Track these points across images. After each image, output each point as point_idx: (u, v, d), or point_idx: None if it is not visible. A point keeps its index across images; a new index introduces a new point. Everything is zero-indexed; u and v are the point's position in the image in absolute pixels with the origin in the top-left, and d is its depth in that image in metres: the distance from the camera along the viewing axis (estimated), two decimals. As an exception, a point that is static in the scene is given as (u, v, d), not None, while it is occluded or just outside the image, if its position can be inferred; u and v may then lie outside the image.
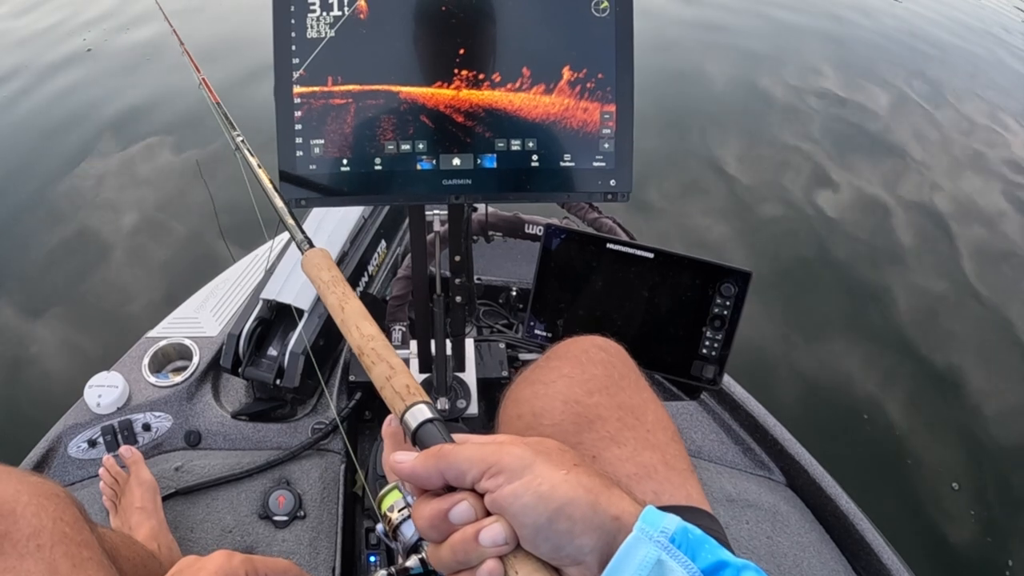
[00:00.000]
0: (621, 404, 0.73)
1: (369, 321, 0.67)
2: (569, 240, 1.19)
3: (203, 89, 1.50)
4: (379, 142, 0.87)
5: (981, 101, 3.89)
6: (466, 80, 0.85)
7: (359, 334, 0.66)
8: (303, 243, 0.90)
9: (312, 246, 0.88)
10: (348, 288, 0.75)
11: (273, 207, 1.01)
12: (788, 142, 3.29)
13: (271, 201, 1.03)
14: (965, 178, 3.19)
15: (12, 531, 0.68)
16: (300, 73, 0.86)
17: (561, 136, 0.87)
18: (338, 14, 0.85)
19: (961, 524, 1.81)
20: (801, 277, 2.54)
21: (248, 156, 1.20)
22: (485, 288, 1.67)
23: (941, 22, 4.84)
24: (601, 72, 0.85)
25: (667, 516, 0.44)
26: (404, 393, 0.56)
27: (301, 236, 0.92)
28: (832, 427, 2.00)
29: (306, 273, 0.82)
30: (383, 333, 0.66)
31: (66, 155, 3.02)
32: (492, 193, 0.90)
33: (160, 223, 2.66)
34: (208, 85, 1.50)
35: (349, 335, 0.67)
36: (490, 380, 1.33)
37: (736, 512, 1.31)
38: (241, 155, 1.23)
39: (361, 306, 0.71)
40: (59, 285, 2.39)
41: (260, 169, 1.14)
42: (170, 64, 3.50)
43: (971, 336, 2.34)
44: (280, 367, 1.36)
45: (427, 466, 0.47)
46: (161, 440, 1.37)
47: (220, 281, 1.71)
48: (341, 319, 0.70)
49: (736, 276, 1.14)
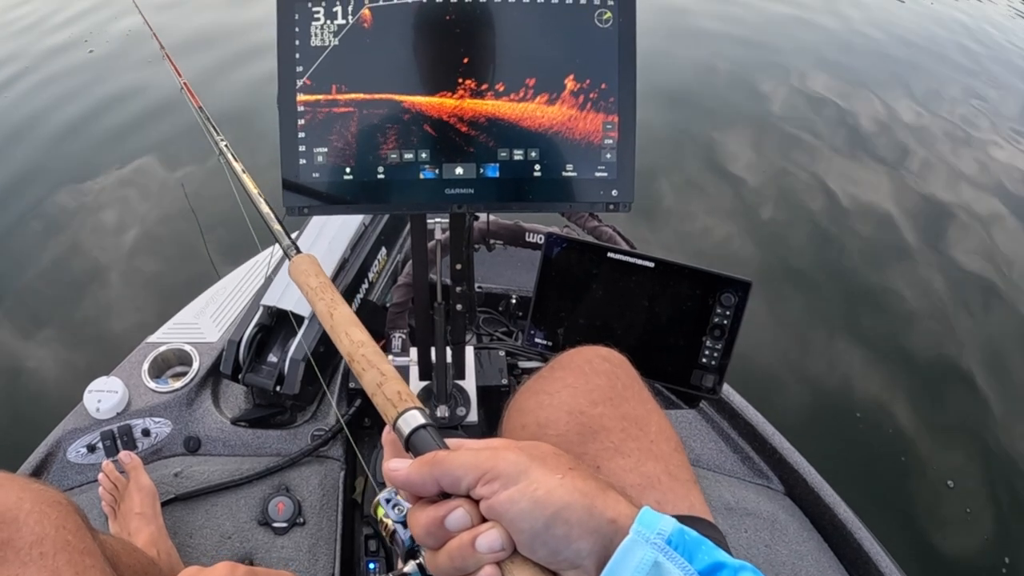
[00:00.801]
0: (625, 415, 0.73)
1: (359, 327, 0.66)
2: (570, 249, 1.19)
3: (184, 93, 1.48)
4: (382, 151, 0.87)
5: (986, 101, 3.90)
6: (469, 90, 0.86)
7: (349, 340, 0.64)
8: (290, 248, 0.89)
9: (299, 252, 0.87)
10: (337, 294, 0.74)
11: (258, 212, 0.98)
12: (790, 143, 3.30)
13: (256, 207, 1.01)
14: (969, 179, 3.20)
15: (15, 539, 0.68)
16: (304, 81, 0.86)
17: (563, 146, 0.87)
18: (342, 23, 0.85)
19: (959, 534, 1.81)
20: (799, 283, 2.54)
21: (232, 161, 1.17)
22: (485, 296, 1.67)
23: (944, 23, 4.86)
24: (604, 82, 0.86)
25: (664, 518, 0.44)
26: (395, 400, 0.55)
27: (288, 241, 0.91)
28: (831, 436, 2.00)
29: (293, 279, 0.81)
30: (373, 339, 0.65)
31: (65, 165, 3.02)
32: (494, 202, 0.90)
33: (156, 235, 2.66)
34: (189, 89, 1.48)
35: (339, 342, 0.66)
36: (490, 388, 1.33)
37: (734, 520, 1.31)
38: (225, 160, 1.20)
39: (350, 312, 0.69)
40: (56, 298, 2.39)
41: (245, 174, 1.11)
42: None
43: (972, 343, 2.35)
44: (280, 373, 1.36)
45: (422, 473, 0.47)
46: (160, 446, 1.37)
47: (220, 287, 1.71)
48: (330, 325, 0.68)
49: (736, 286, 1.15)
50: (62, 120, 3.30)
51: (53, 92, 3.54)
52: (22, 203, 2.82)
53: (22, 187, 2.90)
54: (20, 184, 2.92)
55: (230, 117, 2.85)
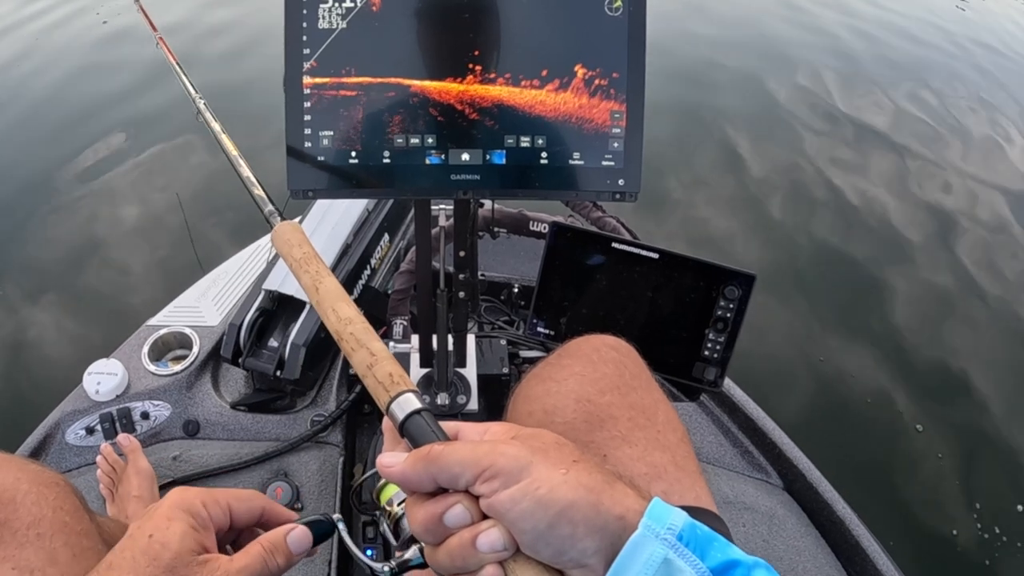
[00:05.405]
0: (632, 404, 0.72)
1: (347, 302, 0.61)
2: (574, 238, 1.18)
3: (160, 48, 1.41)
4: (388, 135, 0.87)
5: (991, 100, 3.89)
6: (478, 75, 0.85)
7: (336, 317, 0.59)
8: (272, 215, 0.83)
9: (283, 218, 0.81)
10: (323, 266, 0.68)
11: (238, 176, 0.93)
12: (795, 141, 3.29)
13: (236, 170, 0.95)
14: (974, 178, 3.19)
15: (12, 519, 0.67)
16: (311, 64, 0.85)
17: (571, 134, 0.86)
18: (350, 5, 0.84)
19: (959, 532, 1.81)
20: (802, 278, 2.54)
21: (211, 121, 1.11)
22: (488, 284, 1.66)
23: (946, 22, 4.83)
24: (615, 71, 0.85)
25: (674, 511, 0.42)
26: (387, 382, 0.52)
27: (271, 207, 0.85)
28: (831, 432, 2.00)
29: (276, 248, 0.76)
30: (363, 316, 0.60)
31: (71, 141, 3.01)
32: (500, 189, 0.89)
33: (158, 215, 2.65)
34: (165, 44, 1.41)
35: (326, 318, 0.60)
36: (490, 376, 1.32)
37: (733, 515, 1.31)
38: (204, 119, 1.14)
39: (338, 286, 0.64)
40: (59, 272, 2.38)
41: (224, 135, 1.06)
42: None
43: (974, 340, 2.34)
44: (281, 358, 1.36)
45: (417, 470, 0.45)
46: (159, 429, 1.37)
47: (222, 271, 1.70)
48: (316, 300, 0.63)
49: (740, 279, 1.14)
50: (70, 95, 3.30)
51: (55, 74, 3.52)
52: (21, 178, 2.82)
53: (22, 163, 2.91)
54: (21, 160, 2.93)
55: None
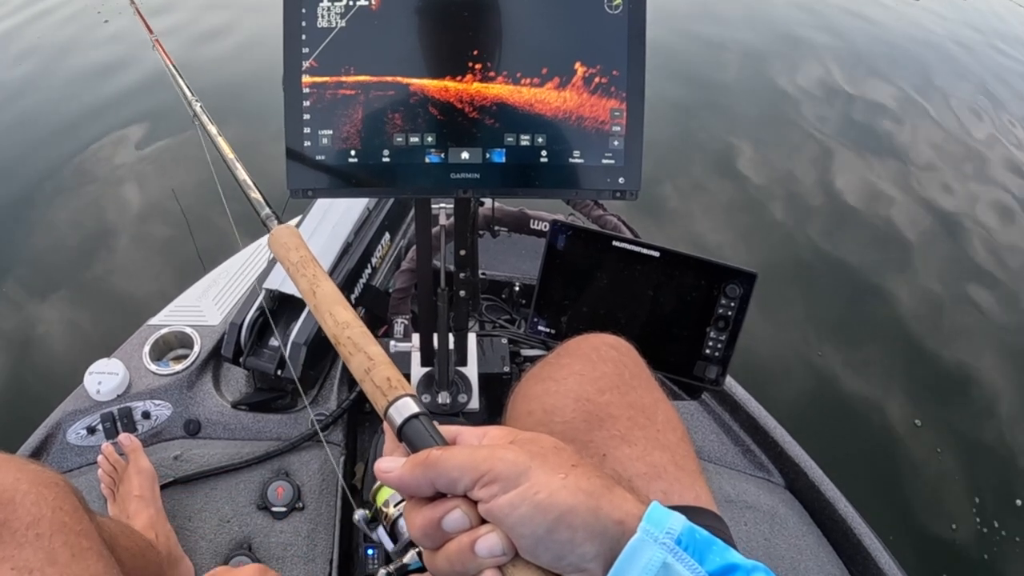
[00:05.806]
0: (632, 403, 0.72)
1: (344, 306, 0.61)
2: (575, 237, 1.18)
3: (157, 51, 1.39)
4: (388, 134, 0.86)
5: (992, 98, 3.87)
6: (477, 73, 0.85)
7: (333, 321, 0.60)
8: (270, 219, 0.83)
9: (280, 222, 0.82)
10: (320, 269, 0.69)
11: (235, 179, 0.93)
12: (797, 140, 3.28)
13: (232, 173, 0.95)
14: (974, 178, 3.18)
15: (11, 519, 0.67)
16: (309, 63, 0.85)
17: (571, 132, 0.86)
18: (349, 4, 0.84)
19: (960, 531, 1.81)
20: (803, 277, 2.53)
21: (208, 124, 1.11)
22: (488, 283, 1.66)
23: (948, 23, 4.81)
24: (615, 69, 0.85)
25: (673, 515, 0.43)
26: (385, 387, 0.52)
27: (268, 211, 0.85)
28: (833, 430, 2.00)
29: (273, 252, 0.77)
30: (360, 320, 0.60)
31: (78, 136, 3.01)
32: (500, 188, 0.89)
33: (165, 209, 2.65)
34: (161, 46, 1.39)
35: (323, 322, 0.61)
36: (491, 375, 1.32)
37: (734, 513, 1.31)
38: (200, 123, 1.13)
39: (335, 289, 0.64)
40: (59, 271, 2.38)
41: (220, 138, 1.05)
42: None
43: (975, 339, 2.34)
44: (281, 358, 1.36)
45: (415, 475, 0.45)
46: (160, 428, 1.36)
47: (223, 270, 1.70)
48: (313, 304, 0.63)
49: (742, 277, 1.14)
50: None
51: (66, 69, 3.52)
52: (28, 169, 2.82)
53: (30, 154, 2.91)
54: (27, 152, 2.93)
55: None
